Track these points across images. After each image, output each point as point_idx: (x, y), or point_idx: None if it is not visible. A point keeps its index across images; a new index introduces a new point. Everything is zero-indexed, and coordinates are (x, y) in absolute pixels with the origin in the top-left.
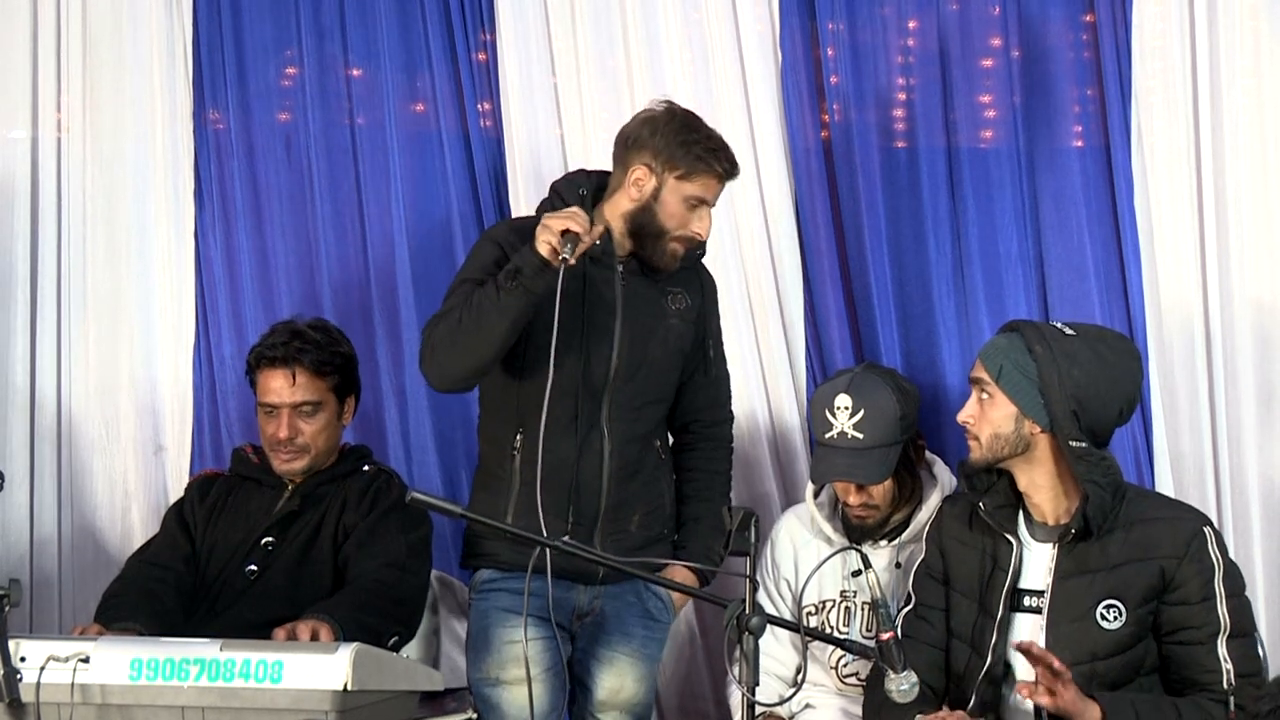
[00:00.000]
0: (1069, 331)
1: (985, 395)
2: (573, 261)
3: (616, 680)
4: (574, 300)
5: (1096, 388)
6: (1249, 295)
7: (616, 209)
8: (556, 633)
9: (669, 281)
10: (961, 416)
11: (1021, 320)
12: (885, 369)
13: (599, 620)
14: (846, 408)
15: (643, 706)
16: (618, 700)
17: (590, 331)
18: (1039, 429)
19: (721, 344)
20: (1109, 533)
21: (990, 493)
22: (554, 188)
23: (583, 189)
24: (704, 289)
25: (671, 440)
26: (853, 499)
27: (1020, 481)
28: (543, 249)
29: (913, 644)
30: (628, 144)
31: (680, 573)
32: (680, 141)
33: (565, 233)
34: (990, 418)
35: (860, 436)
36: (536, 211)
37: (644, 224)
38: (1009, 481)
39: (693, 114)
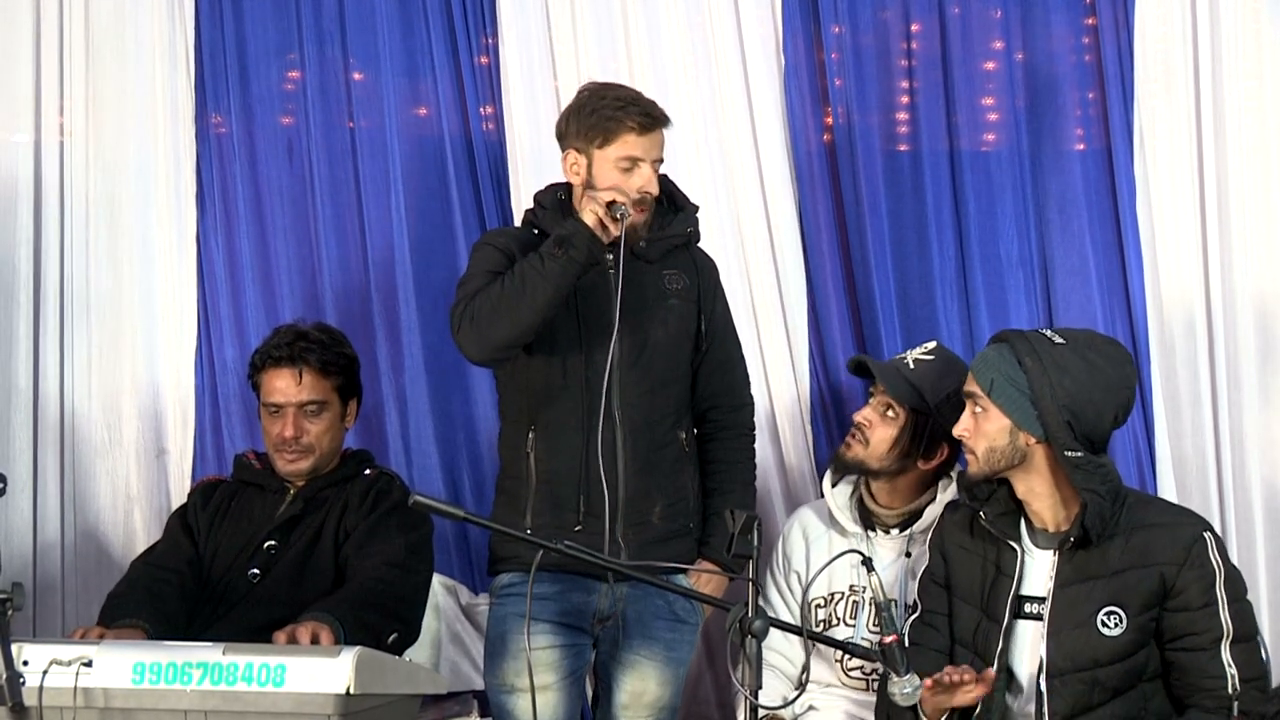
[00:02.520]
0: (1058, 340)
1: (979, 409)
2: (617, 233)
3: (639, 683)
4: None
5: (1089, 396)
6: (1251, 298)
7: (579, 202)
8: (578, 639)
9: (665, 263)
10: (957, 430)
11: (1010, 330)
12: None
13: (620, 623)
14: (927, 349)
15: (668, 710)
16: (641, 704)
17: (588, 322)
18: (1034, 440)
19: (733, 328)
20: (1109, 539)
21: (990, 501)
22: (535, 198)
23: (560, 194)
24: (699, 269)
25: (696, 431)
26: (857, 416)
27: (1019, 490)
28: (589, 219)
29: (922, 651)
30: (558, 138)
31: (704, 575)
32: (590, 112)
33: (611, 204)
34: (985, 431)
35: (912, 366)
36: (522, 225)
37: None
38: (1009, 489)
39: (608, 83)
